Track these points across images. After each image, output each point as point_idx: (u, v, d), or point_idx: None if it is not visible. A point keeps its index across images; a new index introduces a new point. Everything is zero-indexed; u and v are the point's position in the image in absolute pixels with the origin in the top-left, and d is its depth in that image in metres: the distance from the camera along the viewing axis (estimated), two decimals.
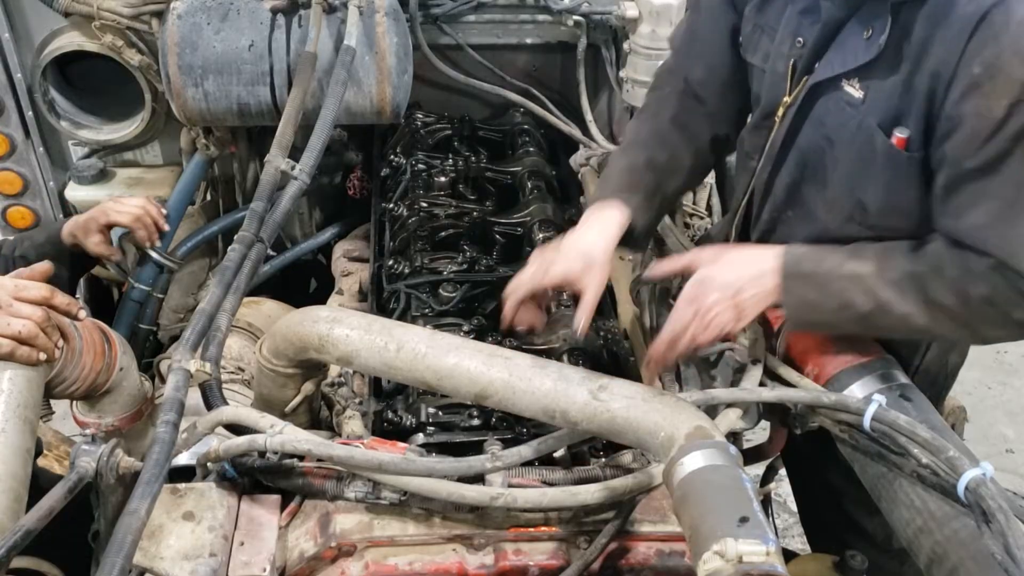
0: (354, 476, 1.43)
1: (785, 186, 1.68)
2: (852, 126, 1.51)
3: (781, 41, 1.62)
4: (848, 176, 1.56)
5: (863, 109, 1.48)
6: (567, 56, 2.87)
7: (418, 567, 1.39)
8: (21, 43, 2.54)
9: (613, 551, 1.41)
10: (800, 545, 2.65)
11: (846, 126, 1.52)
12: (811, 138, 1.59)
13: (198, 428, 1.46)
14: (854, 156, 1.53)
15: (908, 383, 1.57)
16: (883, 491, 1.46)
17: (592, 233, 1.66)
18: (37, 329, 1.28)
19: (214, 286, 1.65)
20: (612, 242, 1.67)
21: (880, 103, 1.46)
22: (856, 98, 1.49)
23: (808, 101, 1.57)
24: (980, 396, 3.89)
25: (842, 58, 1.49)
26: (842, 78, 1.50)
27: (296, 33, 2.31)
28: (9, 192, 2.74)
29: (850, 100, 1.50)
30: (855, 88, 1.49)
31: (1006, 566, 1.17)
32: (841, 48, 1.50)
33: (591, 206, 1.74)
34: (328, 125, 1.98)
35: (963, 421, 2.16)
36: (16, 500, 1.18)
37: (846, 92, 1.50)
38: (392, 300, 2.06)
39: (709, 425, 1.27)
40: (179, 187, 2.62)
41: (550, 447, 1.43)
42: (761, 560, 1.01)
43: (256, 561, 1.37)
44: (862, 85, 1.48)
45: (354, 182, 2.90)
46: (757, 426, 1.65)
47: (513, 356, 1.45)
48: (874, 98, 1.47)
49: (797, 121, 1.60)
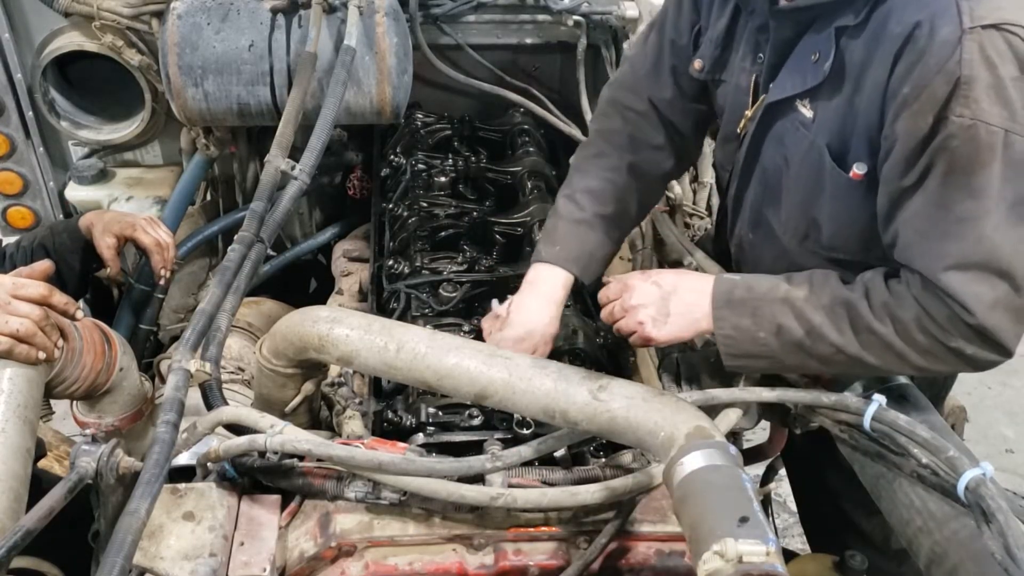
0: (354, 476, 1.43)
1: (751, 204, 1.69)
2: (804, 146, 1.51)
3: (744, 56, 1.62)
4: (802, 197, 1.56)
5: (814, 129, 1.48)
6: (567, 56, 2.87)
7: (418, 567, 1.39)
8: (21, 43, 2.54)
9: (613, 551, 1.41)
10: (800, 545, 2.65)
11: (799, 146, 1.52)
12: (772, 157, 1.60)
13: (198, 428, 1.46)
14: (806, 176, 1.53)
15: (908, 383, 1.57)
16: (883, 491, 1.47)
17: (536, 303, 1.70)
18: (35, 328, 1.28)
19: (214, 286, 1.65)
20: (557, 308, 1.71)
21: (827, 124, 1.46)
22: (808, 118, 1.49)
23: (766, 119, 1.57)
24: (980, 396, 3.89)
25: (792, 81, 1.50)
26: (795, 99, 1.50)
27: (296, 33, 2.31)
28: (9, 192, 2.74)
29: (803, 120, 1.50)
30: (807, 108, 1.49)
31: (1006, 566, 1.17)
32: (792, 70, 1.50)
33: (535, 263, 1.75)
34: (328, 125, 1.98)
35: (963, 421, 2.16)
36: (16, 500, 1.18)
37: (799, 112, 1.50)
38: (392, 300, 2.06)
39: (709, 425, 1.27)
40: (179, 187, 2.62)
41: (550, 447, 1.43)
42: (761, 560, 1.01)
43: (256, 561, 1.37)
44: (812, 105, 1.48)
45: (354, 182, 2.90)
46: (757, 426, 1.65)
47: (513, 356, 1.45)
48: (822, 118, 1.47)
49: (758, 138, 1.60)
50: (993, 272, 1.33)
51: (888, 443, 1.42)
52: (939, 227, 1.35)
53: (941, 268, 1.34)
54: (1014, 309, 1.35)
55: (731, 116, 1.68)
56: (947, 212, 1.33)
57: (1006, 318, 1.34)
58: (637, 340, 1.58)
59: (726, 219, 1.80)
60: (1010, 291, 1.34)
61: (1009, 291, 1.34)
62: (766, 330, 1.46)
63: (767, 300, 1.48)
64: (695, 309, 1.53)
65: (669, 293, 1.55)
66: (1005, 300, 1.34)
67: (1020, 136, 1.29)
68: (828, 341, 1.43)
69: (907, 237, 1.39)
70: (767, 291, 1.49)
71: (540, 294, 1.71)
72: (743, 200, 1.70)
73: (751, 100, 1.61)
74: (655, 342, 1.56)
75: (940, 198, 1.33)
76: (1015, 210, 1.32)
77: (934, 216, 1.35)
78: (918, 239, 1.38)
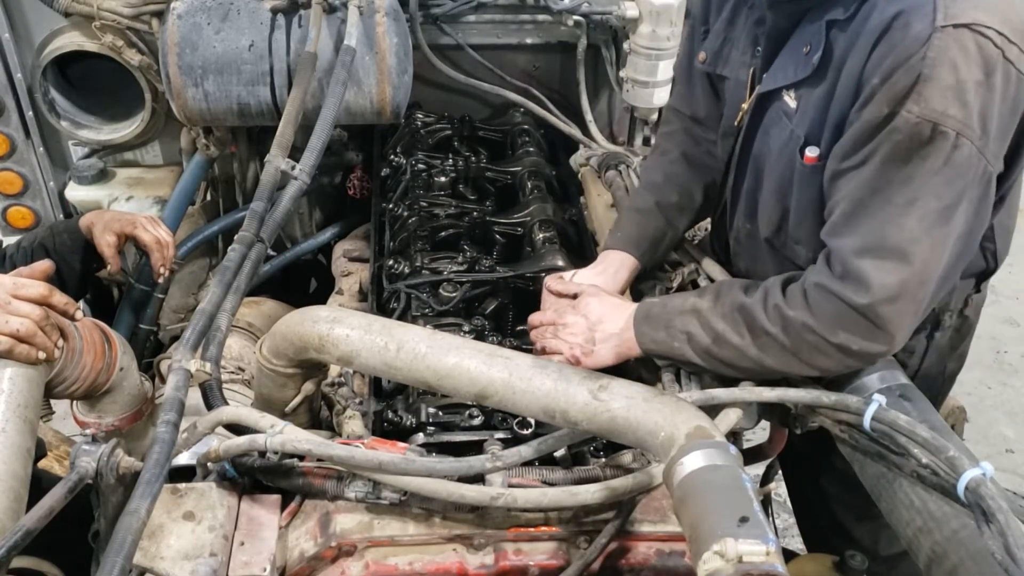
0: (354, 476, 1.43)
1: (746, 194, 1.73)
2: (784, 136, 1.55)
3: (743, 50, 1.67)
4: (777, 186, 1.60)
5: (795, 119, 1.52)
6: (567, 56, 2.88)
7: (418, 567, 1.39)
8: (21, 43, 2.54)
9: (613, 551, 1.41)
10: (800, 545, 2.65)
11: (780, 136, 1.56)
12: (760, 146, 1.64)
13: (198, 428, 1.46)
14: (783, 166, 1.57)
15: (908, 383, 1.57)
16: (883, 491, 1.46)
17: (603, 279, 1.82)
18: (35, 327, 1.28)
19: (214, 286, 1.65)
20: (622, 289, 1.85)
21: (807, 114, 1.49)
22: (791, 109, 1.53)
23: (758, 111, 1.61)
24: (980, 396, 3.89)
25: (784, 71, 1.53)
26: (783, 90, 1.54)
27: (296, 33, 2.31)
28: (9, 192, 2.74)
29: (787, 110, 1.54)
30: (792, 99, 1.53)
31: (1006, 566, 1.17)
32: (784, 62, 1.54)
33: (603, 250, 1.91)
34: (328, 125, 1.98)
35: (963, 421, 2.15)
36: (16, 500, 1.18)
37: (785, 103, 1.54)
38: (392, 300, 2.06)
39: (709, 425, 1.27)
40: (179, 187, 2.62)
41: (550, 447, 1.43)
42: (761, 560, 1.01)
43: (256, 561, 1.37)
44: (797, 96, 1.52)
45: (354, 182, 2.90)
46: (757, 426, 1.65)
47: (513, 356, 1.46)
48: (803, 109, 1.50)
49: (751, 129, 1.64)
50: (904, 262, 1.36)
51: (888, 443, 1.42)
52: (867, 208, 1.38)
53: (860, 248, 1.38)
54: (914, 302, 1.40)
55: (730, 111, 1.72)
56: (877, 195, 1.37)
57: (904, 309, 1.39)
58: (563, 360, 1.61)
59: (725, 213, 1.83)
60: (915, 284, 1.38)
61: (914, 284, 1.38)
62: (679, 340, 1.55)
63: (677, 313, 1.57)
64: (617, 337, 1.62)
65: (594, 325, 1.64)
66: (907, 292, 1.38)
67: (969, 141, 1.31)
68: (731, 345, 1.50)
69: (835, 217, 1.43)
70: (678, 305, 1.59)
71: (606, 274, 1.84)
72: (740, 191, 1.73)
73: (748, 93, 1.64)
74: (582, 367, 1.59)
75: (875, 181, 1.37)
76: (945, 213, 1.35)
77: (865, 198, 1.38)
78: (843, 219, 1.42)
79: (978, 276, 1.71)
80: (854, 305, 1.39)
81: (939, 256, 1.39)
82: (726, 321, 1.51)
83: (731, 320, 1.51)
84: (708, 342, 1.52)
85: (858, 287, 1.38)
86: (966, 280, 1.69)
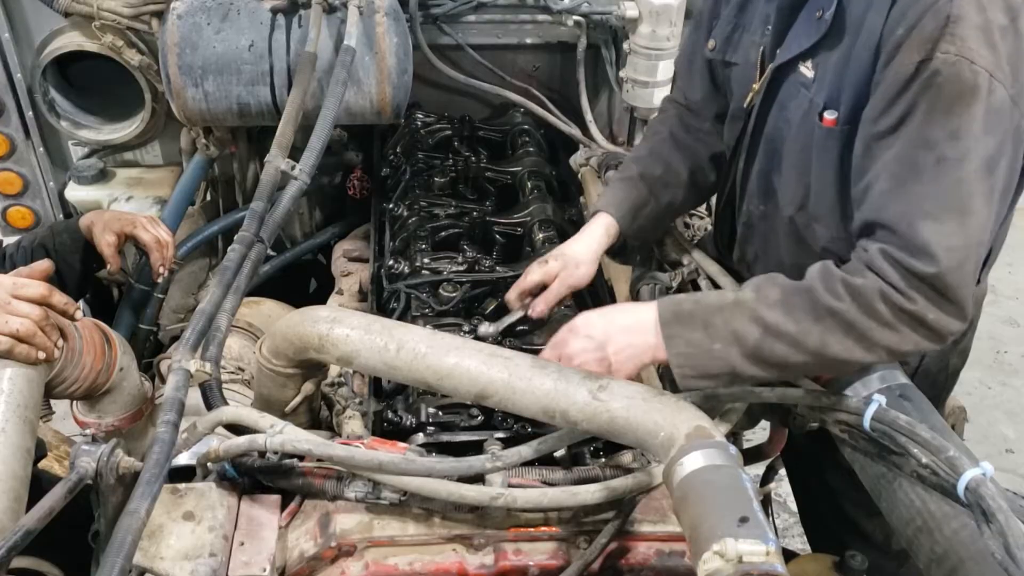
0: (354, 476, 1.43)
1: (757, 175, 1.71)
2: (804, 106, 1.53)
3: (753, 31, 1.67)
4: (798, 160, 1.57)
5: (813, 88, 1.50)
6: (567, 56, 2.87)
7: (418, 567, 1.39)
8: (21, 43, 2.54)
9: (613, 551, 1.41)
10: (800, 545, 2.65)
11: (800, 107, 1.54)
12: (775, 123, 1.63)
13: (198, 428, 1.46)
14: (803, 139, 1.54)
15: (908, 383, 1.57)
16: (883, 491, 1.46)
17: (578, 242, 1.86)
18: (35, 327, 1.28)
19: (214, 286, 1.65)
20: (596, 246, 1.85)
21: (826, 80, 1.48)
22: (808, 78, 1.51)
23: (773, 86, 1.60)
24: (980, 396, 3.90)
25: (798, 40, 1.52)
26: (798, 60, 1.53)
27: (296, 33, 2.31)
28: (9, 192, 2.74)
29: (803, 81, 1.53)
30: (808, 68, 1.52)
31: (1006, 566, 1.17)
32: (797, 31, 1.53)
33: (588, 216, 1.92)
34: (328, 125, 1.98)
35: (963, 421, 2.15)
36: (16, 500, 1.18)
37: (801, 73, 1.53)
38: (392, 300, 2.06)
39: (709, 425, 1.27)
40: (179, 187, 2.62)
41: (550, 447, 1.43)
42: (761, 560, 1.01)
43: (256, 561, 1.37)
44: (814, 64, 1.51)
45: (354, 182, 2.90)
46: (757, 426, 1.65)
47: (513, 356, 1.45)
48: (821, 76, 1.49)
49: (764, 108, 1.64)
50: (963, 222, 1.29)
51: (888, 443, 1.42)
52: (917, 169, 1.31)
53: (918, 215, 1.31)
54: (975, 266, 1.32)
55: (739, 93, 1.72)
56: (927, 153, 1.30)
57: (969, 273, 1.31)
58: None
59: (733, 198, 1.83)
60: (974, 245, 1.31)
61: (974, 244, 1.31)
62: (722, 340, 1.38)
63: (717, 308, 1.41)
64: (634, 346, 1.46)
65: (603, 342, 1.48)
66: (970, 255, 1.31)
67: (1001, 85, 1.28)
68: (787, 336, 1.36)
69: (881, 185, 1.36)
70: (715, 300, 1.45)
71: (582, 236, 1.87)
72: (750, 173, 1.72)
73: (759, 74, 1.64)
74: None
75: (920, 139, 1.31)
76: (990, 164, 1.30)
77: (913, 157, 1.31)
78: (894, 184, 1.34)
79: None
80: (922, 275, 1.30)
81: (990, 212, 1.31)
82: (779, 310, 1.37)
83: (784, 307, 1.37)
84: (757, 336, 1.37)
85: (924, 256, 1.29)
86: None
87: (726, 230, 1.90)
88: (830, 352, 1.36)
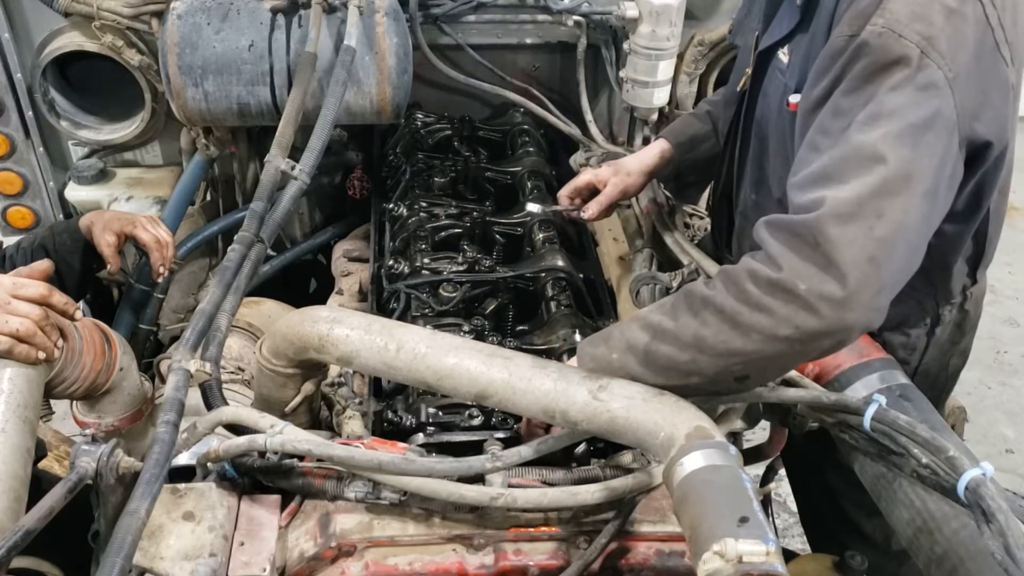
0: (354, 476, 1.43)
1: (751, 160, 1.73)
2: (780, 92, 1.55)
3: (754, 16, 1.71)
4: (780, 146, 1.59)
5: (788, 74, 1.53)
6: (567, 56, 2.87)
7: (418, 567, 1.39)
8: (21, 43, 2.54)
9: (613, 551, 1.41)
10: (800, 545, 2.65)
11: (777, 94, 1.57)
12: (761, 110, 1.65)
13: (198, 428, 1.46)
14: (782, 124, 1.56)
15: (908, 383, 1.57)
16: (883, 491, 1.46)
17: (631, 157, 2.06)
18: (35, 327, 1.28)
19: (214, 286, 1.65)
20: (648, 162, 2.03)
21: (796, 66, 1.50)
22: (784, 64, 1.55)
23: (758, 73, 1.63)
24: (980, 396, 3.89)
25: (779, 26, 1.56)
26: (778, 46, 1.56)
27: (296, 33, 2.31)
28: (9, 192, 2.74)
29: (780, 67, 1.56)
30: (784, 54, 1.55)
31: (1006, 566, 1.17)
32: (779, 19, 1.57)
33: None
34: (328, 125, 1.98)
35: (963, 421, 2.16)
36: (16, 500, 1.18)
37: (779, 59, 1.57)
38: (392, 300, 2.06)
39: (709, 425, 1.27)
40: (179, 187, 2.62)
41: (550, 447, 1.43)
42: (761, 560, 1.01)
43: (256, 561, 1.37)
44: (789, 50, 1.54)
45: (354, 182, 2.90)
46: (757, 426, 1.65)
47: (513, 356, 1.45)
48: (793, 62, 1.52)
49: (753, 93, 1.66)
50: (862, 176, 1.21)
51: (888, 443, 1.42)
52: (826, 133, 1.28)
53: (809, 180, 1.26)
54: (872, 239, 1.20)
55: (735, 77, 1.77)
56: (839, 120, 1.27)
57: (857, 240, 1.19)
58: None
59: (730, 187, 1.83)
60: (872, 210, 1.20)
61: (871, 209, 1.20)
62: (619, 351, 1.39)
63: (620, 326, 1.45)
64: None
65: None
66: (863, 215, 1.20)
67: (933, 64, 1.24)
68: (668, 335, 1.33)
69: (800, 154, 1.34)
70: (624, 321, 1.52)
71: (637, 154, 2.07)
72: (745, 160, 1.74)
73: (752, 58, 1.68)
74: None
75: (835, 108, 1.29)
76: (911, 133, 1.23)
77: (826, 127, 1.29)
78: (804, 152, 1.32)
79: (971, 263, 1.69)
80: (795, 229, 1.22)
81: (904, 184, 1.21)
82: (664, 310, 1.37)
83: (671, 308, 1.36)
84: (647, 341, 1.35)
85: (801, 212, 1.23)
86: (960, 267, 1.68)
87: (723, 223, 1.90)
88: (708, 344, 1.29)
